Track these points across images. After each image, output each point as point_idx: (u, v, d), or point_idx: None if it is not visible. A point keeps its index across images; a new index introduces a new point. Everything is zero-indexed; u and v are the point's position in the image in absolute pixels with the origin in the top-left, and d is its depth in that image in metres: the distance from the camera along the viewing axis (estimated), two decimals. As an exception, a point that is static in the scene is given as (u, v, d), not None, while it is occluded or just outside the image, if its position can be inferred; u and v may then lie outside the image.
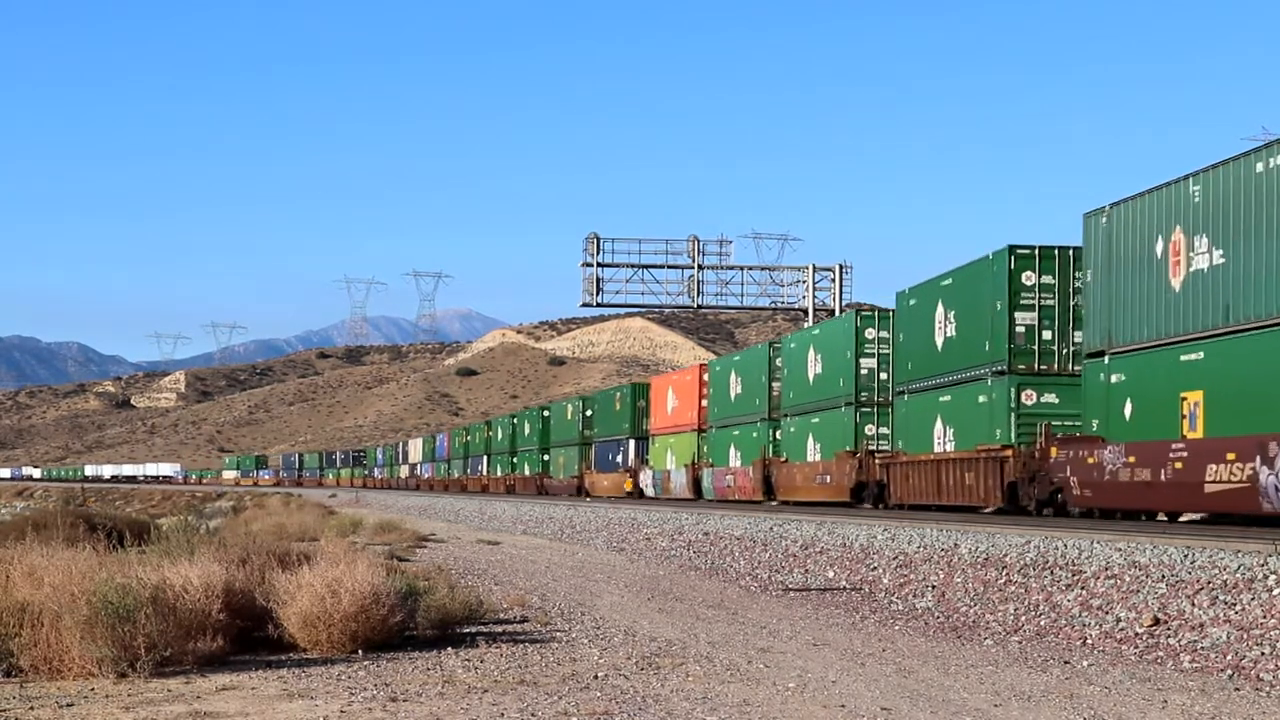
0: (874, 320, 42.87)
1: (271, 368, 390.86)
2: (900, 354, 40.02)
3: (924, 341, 37.50)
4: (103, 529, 24.67)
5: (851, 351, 42.37)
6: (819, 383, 45.14)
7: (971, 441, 33.89)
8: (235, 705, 10.60)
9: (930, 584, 19.68)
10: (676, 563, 27.32)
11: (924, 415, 37.31)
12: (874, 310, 44.01)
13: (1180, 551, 16.74)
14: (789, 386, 48.36)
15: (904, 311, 39.68)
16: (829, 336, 45.31)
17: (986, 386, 33.30)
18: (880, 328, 42.43)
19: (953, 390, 35.53)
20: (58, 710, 10.38)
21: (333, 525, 36.40)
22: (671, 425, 62.24)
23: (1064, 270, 32.37)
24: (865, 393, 41.99)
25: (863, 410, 41.93)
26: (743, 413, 52.56)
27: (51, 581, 12.83)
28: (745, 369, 53.46)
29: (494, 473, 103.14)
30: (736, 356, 57.10)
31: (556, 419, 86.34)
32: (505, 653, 13.39)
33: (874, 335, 42.35)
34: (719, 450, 55.37)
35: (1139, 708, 11.00)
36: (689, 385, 60.15)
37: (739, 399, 53.28)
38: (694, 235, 70.19)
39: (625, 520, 38.17)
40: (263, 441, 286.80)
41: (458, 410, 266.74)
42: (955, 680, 12.28)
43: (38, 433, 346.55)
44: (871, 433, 41.74)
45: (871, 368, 42.09)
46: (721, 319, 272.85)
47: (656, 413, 65.48)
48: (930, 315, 37.07)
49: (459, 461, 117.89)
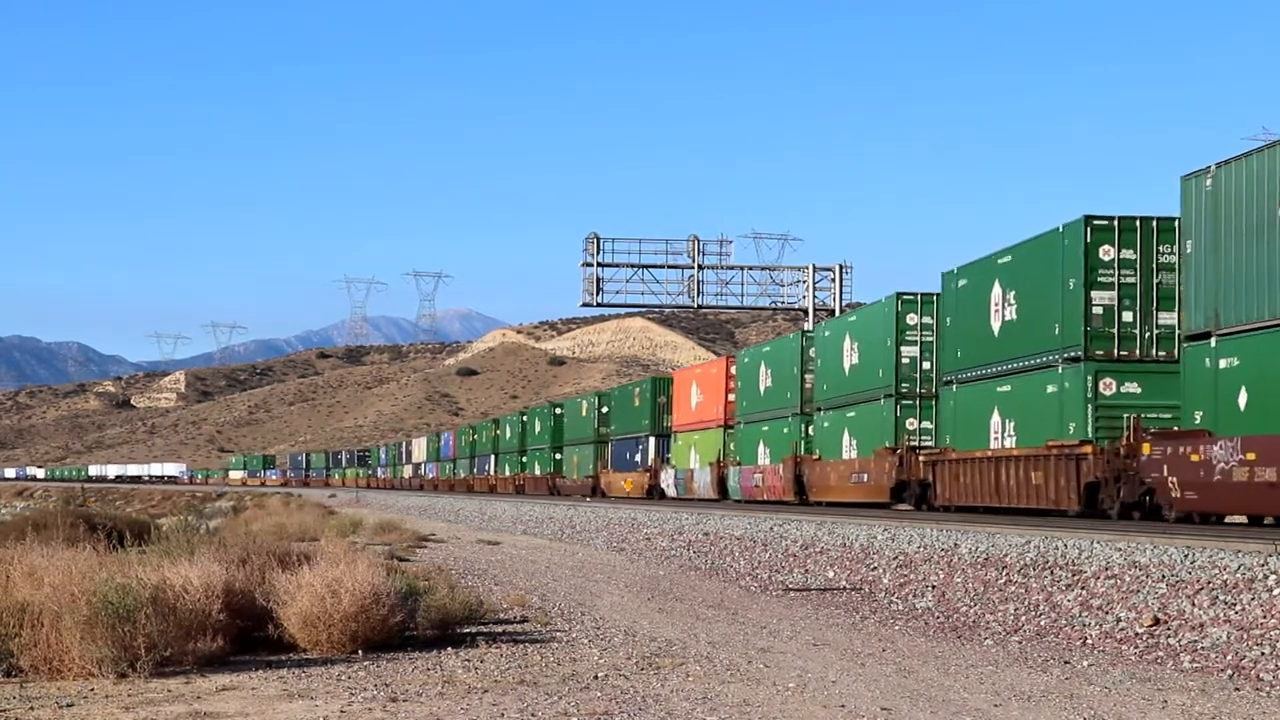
0: (916, 305, 39.47)
1: (271, 368, 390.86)
2: (947, 340, 36.66)
3: (976, 326, 34.30)
4: (103, 529, 24.66)
5: (891, 339, 39.24)
6: (855, 373, 42.02)
7: (1038, 436, 30.64)
8: (235, 705, 10.60)
9: (930, 584, 19.68)
10: (676, 563, 27.32)
11: (977, 408, 34.15)
12: (917, 295, 39.81)
13: (1180, 551, 16.74)
14: (822, 378, 45.14)
15: (951, 294, 36.22)
16: (867, 323, 41.96)
17: (1057, 375, 30.13)
18: (923, 313, 39.20)
19: (1013, 380, 32.37)
20: (58, 710, 10.38)
21: (332, 525, 36.40)
22: (695, 421, 58.81)
23: (1147, 244, 29.18)
24: (906, 384, 38.93)
25: (904, 403, 38.93)
26: (772, 407, 49.42)
27: (51, 581, 12.83)
28: (775, 360, 50.08)
29: (502, 472, 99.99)
30: (766, 347, 53.07)
31: (570, 416, 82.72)
32: (505, 653, 13.39)
33: (916, 321, 39.18)
34: (747, 447, 52.00)
35: (1139, 708, 11.00)
36: (714, 378, 56.83)
37: (768, 392, 50.04)
38: (694, 235, 70.25)
39: (625, 520, 38.17)
40: (263, 441, 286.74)
41: (458, 410, 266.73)
42: (955, 680, 12.28)
43: (38, 433, 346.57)
44: (913, 427, 38.66)
45: (913, 356, 38.93)
46: (721, 319, 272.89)
47: (679, 408, 61.98)
48: (984, 297, 33.82)
49: (465, 461, 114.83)
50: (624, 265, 69.64)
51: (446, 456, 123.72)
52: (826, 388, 44.67)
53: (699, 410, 58.53)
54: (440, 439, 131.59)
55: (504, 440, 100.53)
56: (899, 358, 39.13)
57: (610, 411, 73.36)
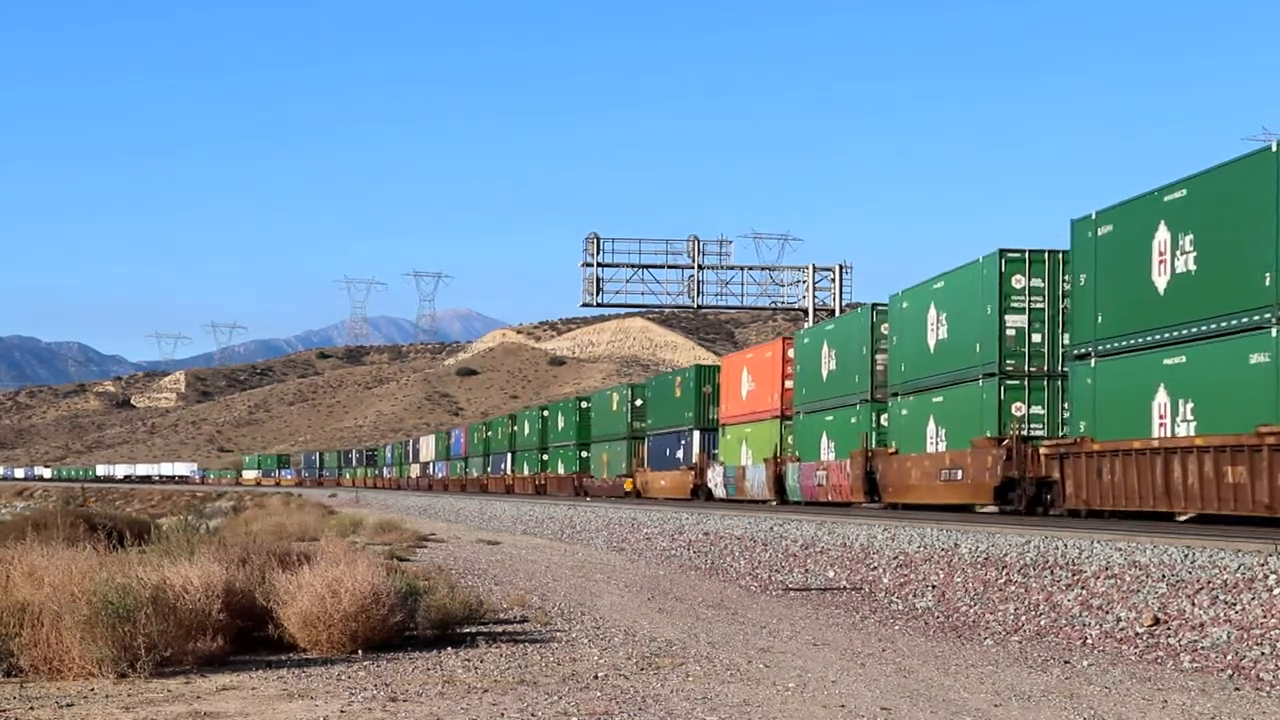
0: (1023, 263, 32.99)
1: (271, 368, 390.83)
2: (1082, 304, 29.93)
3: (1130, 282, 27.51)
4: (103, 529, 24.67)
5: (994, 306, 33.08)
6: (943, 351, 35.87)
7: (1234, 421, 23.89)
8: (235, 705, 10.60)
9: (930, 584, 19.67)
10: (676, 563, 27.31)
11: (1131, 386, 27.47)
12: (1023, 253, 33.13)
13: (1180, 551, 16.74)
14: (899, 358, 38.89)
15: (1086, 245, 29.53)
16: (958, 289, 35.37)
17: (1272, 339, 23.14)
18: (1033, 274, 32.86)
19: (1189, 349, 25.50)
20: (58, 710, 10.38)
21: (332, 525, 36.39)
22: (747, 413, 52.46)
23: None
24: (1012, 360, 32.86)
25: (1009, 384, 32.90)
26: (838, 394, 43.48)
27: (52, 581, 12.82)
28: (841, 339, 44.01)
29: (520, 471, 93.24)
30: (830, 325, 46.61)
31: (598, 410, 76.13)
32: (505, 653, 13.39)
33: (1024, 283, 32.81)
34: (808, 441, 45.93)
35: (1139, 708, 10.99)
36: (769, 363, 50.46)
37: (833, 377, 44.05)
38: (694, 235, 70.25)
39: (625, 520, 38.16)
40: (262, 441, 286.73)
41: (458, 410, 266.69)
42: (955, 680, 12.28)
43: (38, 433, 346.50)
44: (1020, 413, 32.65)
45: (1020, 327, 32.83)
46: (721, 319, 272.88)
47: (728, 398, 55.16)
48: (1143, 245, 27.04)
49: (478, 460, 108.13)
50: (624, 265, 69.65)
51: (457, 455, 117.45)
52: (905, 368, 38.46)
53: (751, 400, 52.13)
54: (450, 436, 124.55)
55: (521, 437, 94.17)
56: (1003, 329, 32.99)
57: (646, 404, 67.17)
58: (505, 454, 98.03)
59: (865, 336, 41.79)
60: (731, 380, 55.14)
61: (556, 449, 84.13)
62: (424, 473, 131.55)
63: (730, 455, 54.20)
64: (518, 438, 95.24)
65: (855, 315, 43.73)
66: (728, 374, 55.99)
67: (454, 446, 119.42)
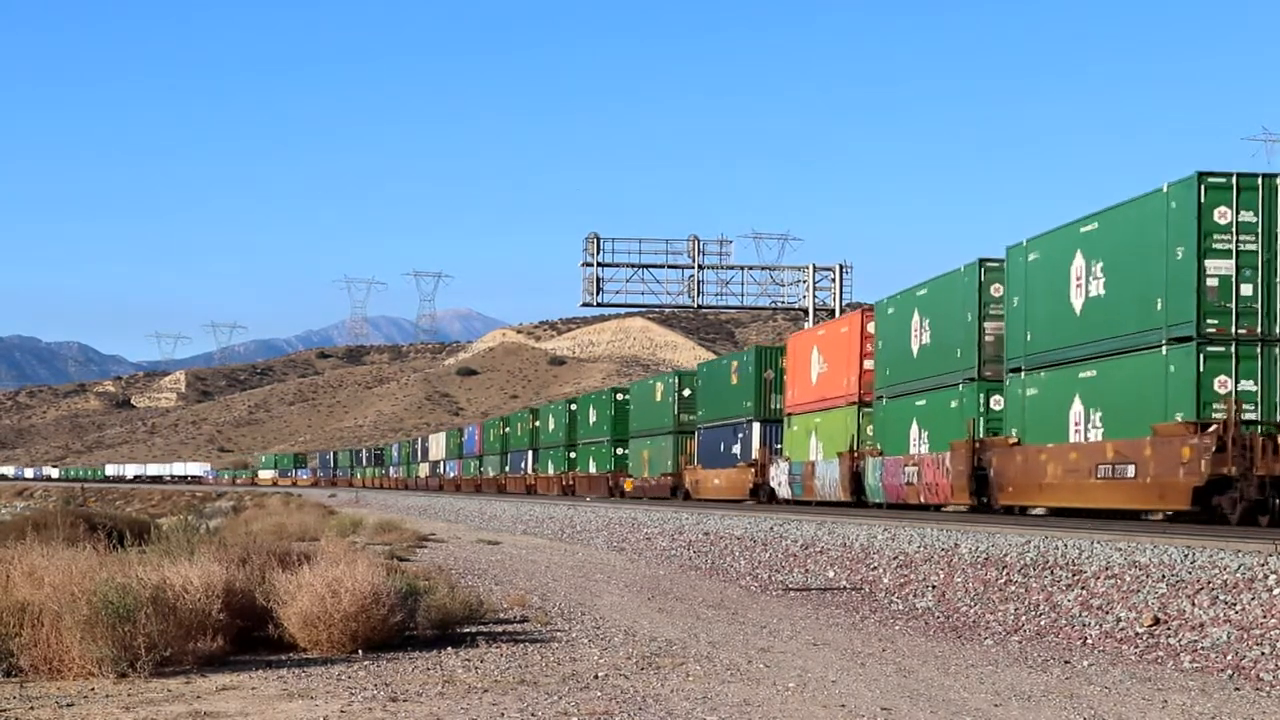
0: (1230, 192, 25.42)
1: (271, 368, 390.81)
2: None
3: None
4: (103, 529, 24.67)
5: (1188, 249, 25.31)
6: (1097, 311, 28.15)
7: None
8: (235, 705, 10.60)
9: (930, 584, 19.67)
10: (676, 562, 27.31)
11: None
12: (1230, 177, 25.45)
13: (1180, 551, 16.74)
14: (1022, 323, 31.30)
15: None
16: (1120, 231, 27.72)
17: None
18: (1242, 204, 25.31)
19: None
20: (58, 710, 10.38)
21: (333, 525, 36.40)
22: (816, 399, 45.40)
23: None
24: (1215, 321, 25.11)
25: (1211, 350, 25.07)
26: (934, 372, 36.27)
27: (52, 581, 12.82)
28: (936, 306, 36.51)
29: (544, 470, 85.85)
30: (921, 290, 37.89)
31: (639, 402, 68.92)
32: (505, 653, 13.39)
33: (1230, 218, 25.25)
34: (893, 431, 38.95)
35: (1139, 708, 10.99)
36: (844, 340, 43.38)
37: (926, 353, 36.93)
38: (694, 235, 70.22)
39: (625, 520, 38.16)
40: (263, 441, 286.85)
41: (458, 410, 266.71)
42: (955, 680, 12.28)
43: (38, 432, 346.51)
44: (1224, 389, 24.96)
45: (1224, 274, 25.15)
46: (722, 319, 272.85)
47: (795, 383, 47.95)
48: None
49: (494, 458, 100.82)
50: (624, 265, 69.62)
51: (471, 453, 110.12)
52: (1032, 337, 30.91)
53: (822, 384, 44.98)
54: (463, 433, 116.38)
55: (546, 433, 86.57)
56: (1202, 278, 25.20)
57: (697, 393, 59.97)
58: (525, 452, 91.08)
59: (970, 300, 34.38)
60: (799, 362, 47.69)
61: (587, 446, 76.68)
62: (434, 472, 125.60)
63: (797, 449, 47.17)
64: (541, 434, 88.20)
65: (956, 276, 35.52)
66: (794, 355, 48.36)
67: (467, 444, 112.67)
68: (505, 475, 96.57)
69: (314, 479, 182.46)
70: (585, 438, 77.12)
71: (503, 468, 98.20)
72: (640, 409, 68.39)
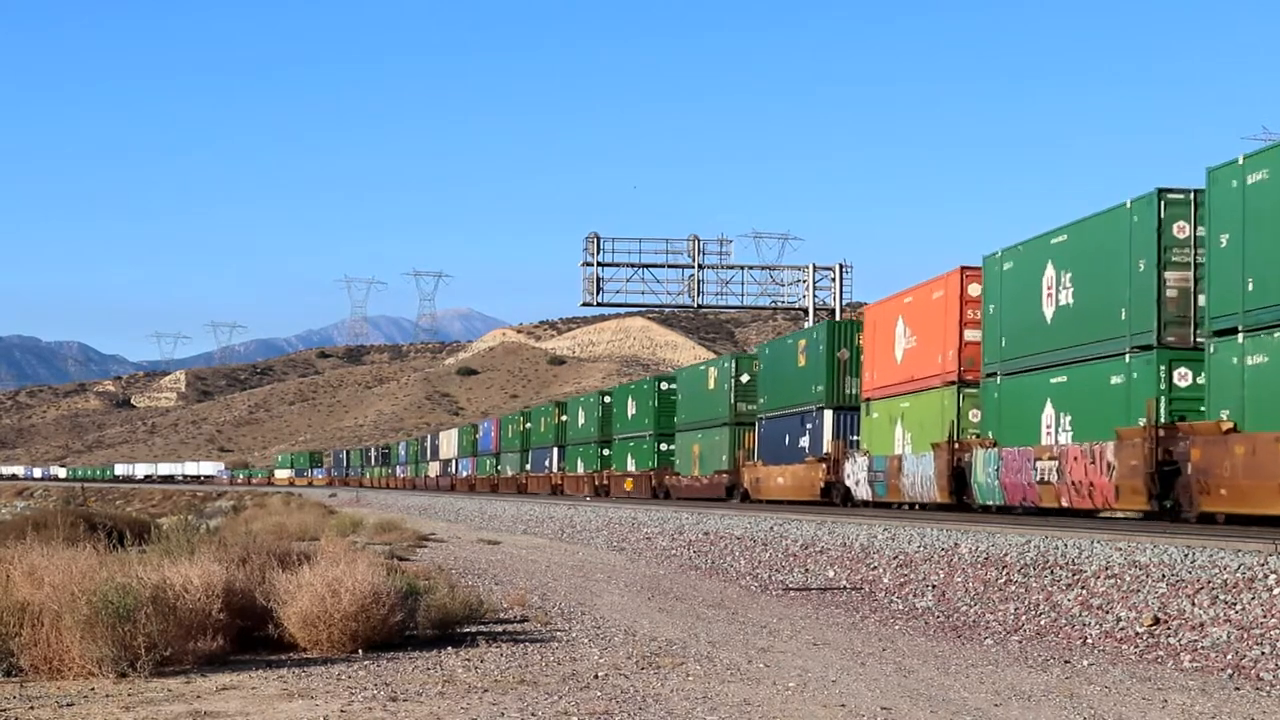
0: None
1: (271, 367, 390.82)
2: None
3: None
4: (103, 529, 24.68)
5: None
6: None
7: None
8: (235, 705, 10.60)
9: (930, 583, 19.68)
10: (677, 562, 27.31)
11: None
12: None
13: (1180, 551, 16.74)
14: (1240, 269, 23.30)
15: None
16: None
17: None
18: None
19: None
20: (58, 710, 10.38)
21: (333, 525, 36.41)
22: (903, 381, 38.10)
23: None
24: None
25: None
26: (1079, 340, 28.98)
27: (52, 581, 12.82)
28: (1083, 254, 29.17)
29: (571, 469, 78.99)
30: (1058, 237, 30.29)
31: (688, 390, 61.04)
32: (505, 652, 13.39)
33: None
34: (1014, 417, 31.62)
35: (1139, 707, 10.99)
36: (937, 308, 36.20)
37: (1066, 316, 29.51)
38: (694, 235, 70.30)
39: (625, 520, 38.15)
40: (263, 441, 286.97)
41: (458, 410, 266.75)
42: (955, 680, 12.28)
43: (38, 432, 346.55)
44: None
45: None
46: (722, 318, 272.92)
47: (874, 363, 40.81)
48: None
49: (513, 456, 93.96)
50: (624, 265, 69.70)
51: (487, 450, 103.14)
52: (1255, 286, 22.91)
53: (910, 362, 37.84)
54: (478, 429, 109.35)
55: (574, 428, 79.73)
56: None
57: (757, 378, 52.55)
58: (550, 449, 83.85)
59: (1145, 245, 26.65)
60: (879, 337, 40.59)
61: (624, 442, 69.49)
62: (445, 471, 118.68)
63: (879, 441, 39.97)
64: (568, 429, 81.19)
65: (1118, 214, 27.87)
66: (873, 329, 41.19)
67: (482, 441, 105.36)
68: (526, 474, 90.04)
69: (328, 478, 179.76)
70: (622, 432, 70.04)
71: (523, 466, 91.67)
72: (689, 399, 60.49)
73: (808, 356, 45.62)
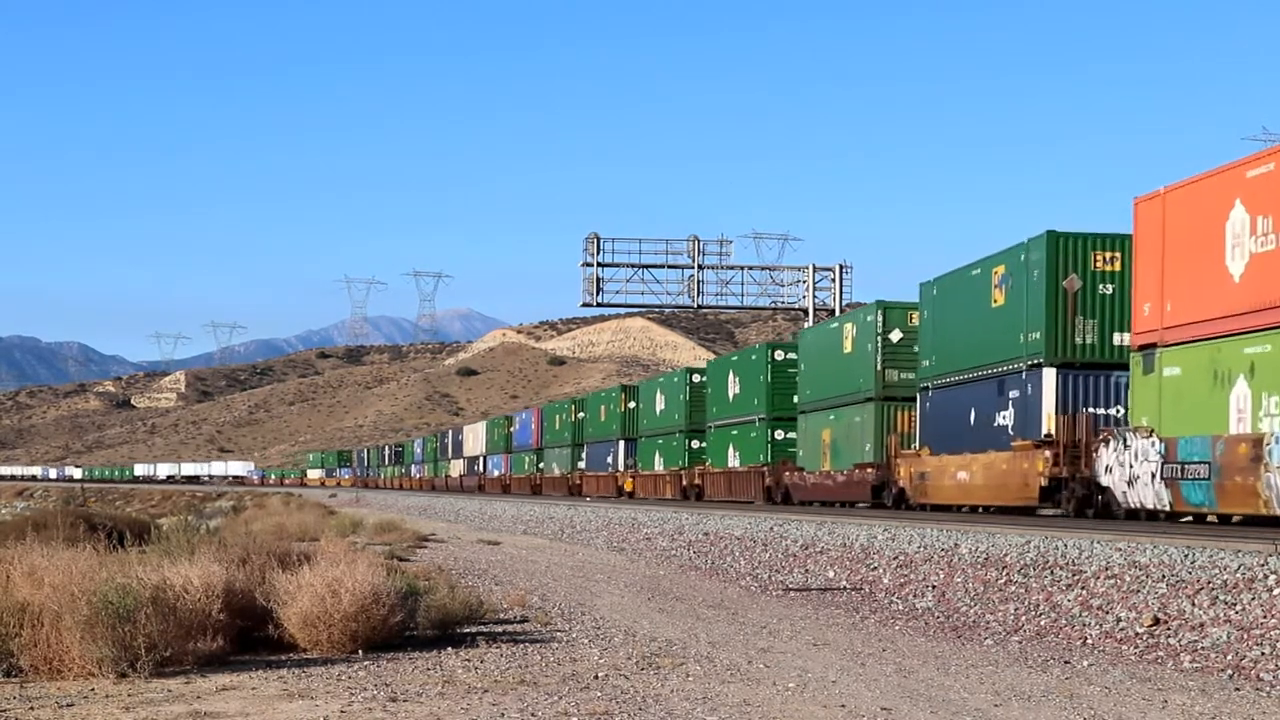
0: None
1: (271, 368, 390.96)
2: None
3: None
4: (103, 529, 24.67)
5: None
6: None
7: None
8: (235, 705, 10.60)
9: (930, 584, 19.67)
10: (676, 563, 27.31)
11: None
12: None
13: (1180, 551, 16.73)
14: None
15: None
16: None
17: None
18: None
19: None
20: (58, 710, 10.38)
21: (333, 525, 36.42)
22: (1249, 310, 22.65)
23: None
24: None
25: None
26: None
27: (52, 581, 12.82)
28: None
29: (647, 466, 66.15)
30: None
31: (811, 359, 46.79)
32: (505, 653, 13.39)
33: None
34: None
35: (1139, 708, 10.99)
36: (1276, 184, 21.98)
37: None
38: (694, 235, 70.31)
39: (625, 520, 38.15)
40: (263, 441, 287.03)
41: (458, 410, 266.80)
42: (955, 680, 12.28)
43: (38, 432, 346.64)
44: None
45: None
46: (722, 319, 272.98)
47: (1171, 284, 24.97)
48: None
49: (560, 451, 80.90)
50: (624, 265, 69.69)
51: (525, 446, 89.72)
52: None
53: (1265, 277, 22.44)
54: (514, 422, 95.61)
55: (647, 416, 67.12)
56: None
57: (915, 336, 38.85)
58: (614, 442, 71.59)
59: None
60: (1183, 242, 24.89)
61: (724, 429, 55.40)
62: (471, 470, 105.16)
63: (1179, 415, 24.84)
64: (636, 418, 68.75)
65: None
66: (1165, 230, 25.45)
67: (519, 435, 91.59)
68: (581, 473, 76.85)
69: (353, 479, 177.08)
70: (720, 418, 55.82)
71: (574, 464, 78.43)
72: (814, 369, 46.28)
73: (1007, 291, 32.15)
